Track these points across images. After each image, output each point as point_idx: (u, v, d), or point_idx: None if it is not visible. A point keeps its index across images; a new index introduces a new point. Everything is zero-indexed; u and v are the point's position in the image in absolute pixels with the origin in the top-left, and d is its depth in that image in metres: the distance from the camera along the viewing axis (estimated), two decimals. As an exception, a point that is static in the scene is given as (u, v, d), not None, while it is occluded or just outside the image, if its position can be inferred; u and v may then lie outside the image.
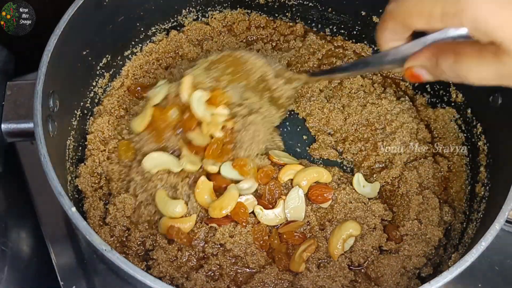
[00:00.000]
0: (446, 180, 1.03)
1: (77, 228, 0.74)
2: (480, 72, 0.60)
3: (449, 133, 1.06)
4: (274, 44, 1.18)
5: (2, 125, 0.86)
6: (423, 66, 0.66)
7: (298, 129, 1.09)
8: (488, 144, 0.96)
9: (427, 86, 1.11)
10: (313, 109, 1.08)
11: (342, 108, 1.08)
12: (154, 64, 1.12)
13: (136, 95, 1.08)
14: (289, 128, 1.09)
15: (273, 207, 0.96)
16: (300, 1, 1.16)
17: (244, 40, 1.17)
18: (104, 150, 1.00)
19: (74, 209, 0.74)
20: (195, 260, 0.91)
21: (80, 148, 1.00)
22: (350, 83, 1.09)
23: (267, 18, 1.19)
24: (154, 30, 1.12)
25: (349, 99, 1.09)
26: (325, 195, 0.97)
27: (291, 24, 1.20)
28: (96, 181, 0.98)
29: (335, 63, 1.14)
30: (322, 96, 1.10)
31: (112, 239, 0.92)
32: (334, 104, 1.08)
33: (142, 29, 1.10)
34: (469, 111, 1.02)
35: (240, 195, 0.94)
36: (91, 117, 1.04)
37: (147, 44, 1.13)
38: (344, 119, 1.07)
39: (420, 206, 0.97)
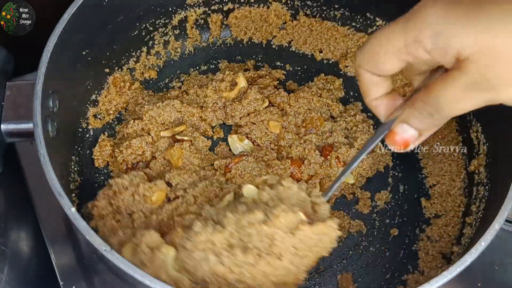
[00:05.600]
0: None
1: (77, 228, 0.74)
2: (452, 95, 0.56)
3: (449, 133, 1.06)
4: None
5: (2, 125, 0.86)
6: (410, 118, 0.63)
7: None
8: (487, 144, 0.96)
9: (427, 86, 1.11)
10: None
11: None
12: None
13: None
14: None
15: None
16: None
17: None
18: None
19: (74, 209, 0.74)
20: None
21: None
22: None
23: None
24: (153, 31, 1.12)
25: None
26: None
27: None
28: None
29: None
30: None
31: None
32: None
33: (142, 28, 1.09)
34: (468, 110, 1.02)
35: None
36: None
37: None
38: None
39: None
